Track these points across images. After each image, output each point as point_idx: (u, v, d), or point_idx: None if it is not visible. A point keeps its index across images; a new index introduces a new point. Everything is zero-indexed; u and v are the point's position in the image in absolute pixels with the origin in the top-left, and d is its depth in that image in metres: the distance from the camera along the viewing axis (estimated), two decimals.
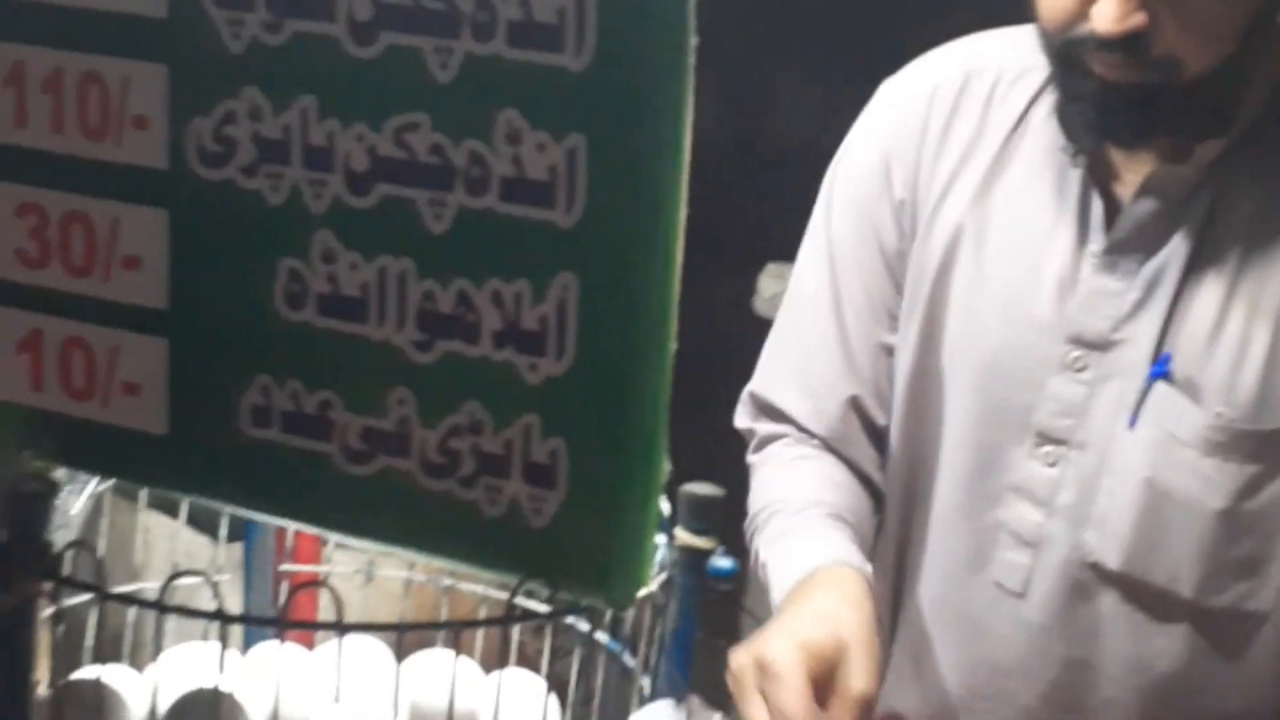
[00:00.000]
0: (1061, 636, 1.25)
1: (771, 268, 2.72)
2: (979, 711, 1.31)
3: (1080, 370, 1.22)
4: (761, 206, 2.84)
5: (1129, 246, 1.20)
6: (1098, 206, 1.22)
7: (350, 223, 0.99)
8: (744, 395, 1.42)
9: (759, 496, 1.33)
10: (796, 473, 1.32)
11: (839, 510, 1.27)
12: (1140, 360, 1.20)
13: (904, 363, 1.32)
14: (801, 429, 1.35)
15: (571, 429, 0.98)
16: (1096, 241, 1.21)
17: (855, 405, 1.34)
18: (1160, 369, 1.20)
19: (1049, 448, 1.24)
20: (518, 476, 0.99)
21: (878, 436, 1.37)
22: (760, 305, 2.70)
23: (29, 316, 1.06)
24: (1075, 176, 1.22)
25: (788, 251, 1.52)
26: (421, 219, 0.97)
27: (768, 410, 1.37)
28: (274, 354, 1.02)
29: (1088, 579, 1.23)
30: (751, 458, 1.39)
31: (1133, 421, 1.20)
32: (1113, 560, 1.21)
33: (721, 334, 2.01)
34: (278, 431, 1.03)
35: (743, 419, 1.41)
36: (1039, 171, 1.25)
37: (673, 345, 0.97)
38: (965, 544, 1.29)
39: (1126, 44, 1.10)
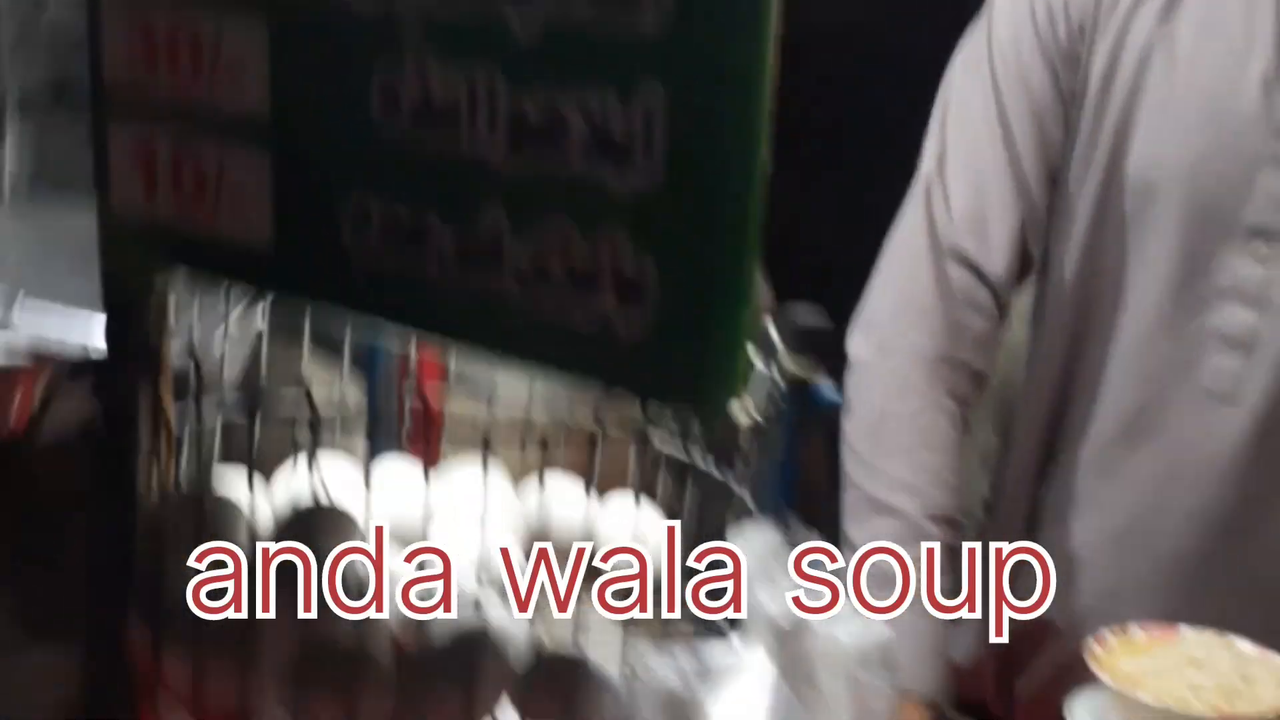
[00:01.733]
0: (1275, 437, 1.24)
1: None
2: (1167, 528, 1.30)
3: None
4: None
5: None
6: None
7: (441, 34, 0.99)
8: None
9: (862, 429, 1.33)
10: (901, 444, 1.33)
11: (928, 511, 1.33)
12: None
13: (1089, 188, 1.32)
14: (972, 266, 1.34)
15: (661, 244, 0.98)
16: None
17: (1021, 234, 1.35)
18: None
19: (1260, 244, 1.23)
20: (608, 291, 0.99)
21: (1024, 267, 1.37)
22: None
23: (140, 128, 1.09)
24: None
25: None
26: (510, 28, 0.97)
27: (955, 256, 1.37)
28: (370, 167, 1.04)
29: None
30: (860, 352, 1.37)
31: None
32: None
33: None
34: (375, 243, 1.04)
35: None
36: None
37: (765, 162, 0.95)
38: (1168, 356, 1.29)
39: None
